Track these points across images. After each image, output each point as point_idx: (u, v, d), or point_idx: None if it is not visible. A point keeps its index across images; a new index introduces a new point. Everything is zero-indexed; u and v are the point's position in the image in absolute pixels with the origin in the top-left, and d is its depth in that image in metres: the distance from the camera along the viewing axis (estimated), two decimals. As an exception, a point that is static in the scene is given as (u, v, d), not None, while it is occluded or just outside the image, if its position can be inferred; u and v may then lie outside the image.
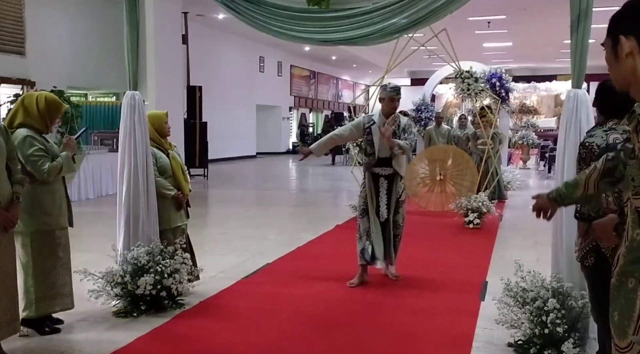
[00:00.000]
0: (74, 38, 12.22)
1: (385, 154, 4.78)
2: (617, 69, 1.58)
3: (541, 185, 13.19)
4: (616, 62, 1.57)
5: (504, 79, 11.37)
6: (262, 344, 3.54)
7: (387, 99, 4.84)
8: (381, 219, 4.86)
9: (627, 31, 1.53)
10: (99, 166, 10.11)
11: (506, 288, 3.37)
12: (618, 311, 1.58)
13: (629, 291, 1.53)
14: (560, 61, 22.84)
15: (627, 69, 1.54)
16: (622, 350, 1.57)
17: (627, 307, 1.53)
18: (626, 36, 1.53)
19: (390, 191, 4.85)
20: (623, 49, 1.53)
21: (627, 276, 1.55)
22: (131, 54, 4.19)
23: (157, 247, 4.07)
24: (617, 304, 1.59)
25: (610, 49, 1.59)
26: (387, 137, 4.63)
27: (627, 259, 1.56)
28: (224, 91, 18.90)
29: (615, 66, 1.59)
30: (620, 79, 1.60)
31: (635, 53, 1.51)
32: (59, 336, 3.62)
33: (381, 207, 4.85)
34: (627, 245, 1.57)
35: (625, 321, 1.54)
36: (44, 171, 3.46)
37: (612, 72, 1.63)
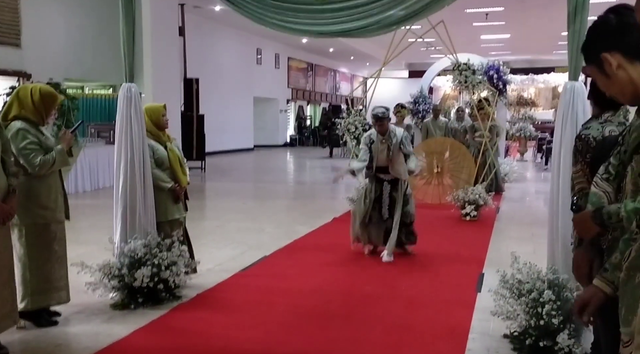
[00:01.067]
0: (70, 30, 12.16)
1: (383, 163, 5.38)
2: (614, 86, 1.59)
3: (538, 177, 13.22)
4: (609, 80, 1.58)
5: (501, 71, 11.37)
6: (259, 336, 3.55)
7: (372, 122, 5.46)
8: (384, 217, 5.42)
9: (607, 48, 1.55)
10: (95, 159, 10.09)
11: (502, 280, 3.38)
12: (625, 306, 1.58)
13: (635, 286, 1.53)
14: (558, 53, 22.84)
15: (622, 81, 1.55)
16: (625, 344, 1.57)
17: (633, 301, 1.54)
18: (610, 53, 1.54)
19: (394, 191, 5.39)
20: (612, 65, 1.54)
21: (635, 270, 1.55)
22: (127, 46, 4.16)
23: (154, 239, 4.07)
24: (624, 298, 1.59)
25: (599, 73, 1.60)
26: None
27: (638, 254, 1.55)
28: (221, 83, 18.84)
29: (610, 84, 1.60)
30: (620, 92, 1.60)
31: (623, 64, 1.53)
32: (56, 329, 3.63)
33: (383, 208, 5.41)
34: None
35: (631, 315, 1.54)
36: (35, 165, 3.44)
37: (610, 90, 1.64)
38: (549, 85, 26.39)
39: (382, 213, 5.43)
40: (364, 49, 23.16)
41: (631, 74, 1.53)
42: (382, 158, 5.35)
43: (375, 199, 5.44)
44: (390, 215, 5.41)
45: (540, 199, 9.66)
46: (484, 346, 3.42)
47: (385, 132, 5.34)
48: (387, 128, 5.36)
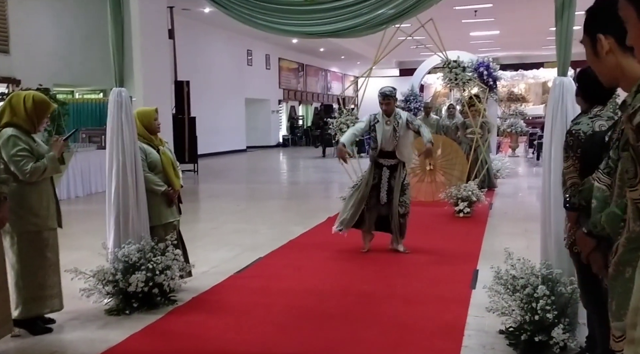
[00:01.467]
0: (58, 35, 12.09)
1: (388, 147, 5.39)
2: (601, 66, 1.60)
3: (530, 172, 13.29)
4: (597, 59, 1.59)
5: (491, 68, 11.41)
6: (256, 338, 3.55)
7: (379, 103, 5.45)
8: (381, 202, 5.48)
9: (604, 30, 1.55)
10: (87, 164, 10.04)
11: (496, 276, 3.39)
12: (615, 300, 1.59)
13: (626, 280, 1.54)
14: (547, 48, 22.95)
15: (610, 65, 1.56)
16: (617, 339, 1.59)
17: (624, 296, 1.55)
18: (604, 35, 1.55)
19: (392, 179, 5.45)
20: (603, 48, 1.55)
21: (625, 265, 1.56)
22: (116, 50, 4.15)
23: (148, 244, 4.06)
24: (614, 293, 1.60)
25: (590, 47, 1.61)
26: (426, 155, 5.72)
27: (626, 249, 1.56)
28: (212, 85, 18.80)
29: (597, 63, 1.60)
30: (605, 74, 1.61)
31: (615, 50, 1.53)
32: (51, 336, 3.61)
33: (382, 192, 5.47)
34: (627, 236, 1.58)
35: (622, 309, 1.55)
36: (26, 172, 3.42)
37: (595, 68, 1.65)
38: (539, 81, 26.52)
39: (379, 198, 5.46)
40: (354, 49, 23.17)
41: (620, 61, 1.53)
42: (388, 140, 5.37)
43: (374, 186, 5.48)
44: (387, 200, 5.45)
45: (533, 195, 9.71)
46: (479, 342, 3.44)
47: (391, 113, 5.36)
48: (393, 109, 5.39)
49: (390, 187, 5.45)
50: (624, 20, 1.13)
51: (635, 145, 1.39)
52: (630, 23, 1.11)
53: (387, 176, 5.45)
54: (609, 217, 1.92)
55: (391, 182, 5.45)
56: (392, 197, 5.44)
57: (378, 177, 5.48)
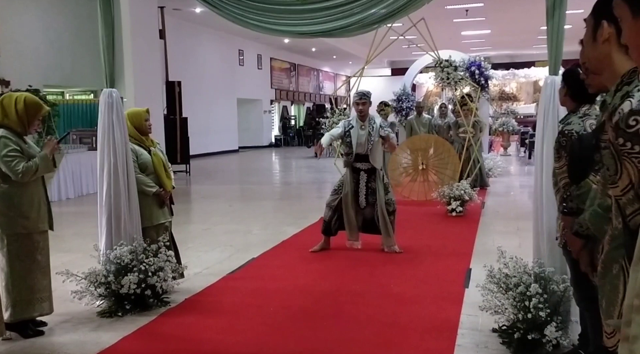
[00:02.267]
0: (48, 35, 12.00)
1: (362, 151, 5.47)
2: (593, 51, 1.60)
3: (522, 171, 13.35)
4: (593, 44, 1.59)
5: (483, 67, 11.47)
6: (249, 339, 3.54)
7: (354, 103, 5.55)
8: (361, 206, 5.54)
9: (610, 18, 1.55)
10: (78, 165, 9.97)
11: (489, 275, 3.40)
12: (605, 298, 1.61)
13: (613, 277, 1.56)
14: (537, 48, 23.06)
15: (602, 54, 1.56)
16: (609, 336, 1.60)
17: (613, 293, 1.56)
18: (609, 23, 1.55)
19: (371, 181, 5.49)
20: (602, 34, 1.55)
21: (611, 262, 1.58)
22: (107, 51, 4.12)
23: (140, 245, 4.04)
24: (604, 291, 1.62)
25: (591, 29, 1.60)
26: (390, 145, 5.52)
27: (612, 246, 1.58)
28: (204, 86, 18.74)
29: (591, 47, 1.60)
30: (594, 60, 1.61)
31: (612, 41, 1.53)
32: (42, 339, 3.58)
33: (360, 197, 5.52)
34: (611, 233, 1.59)
35: (611, 307, 1.57)
36: (18, 172, 3.39)
37: (587, 51, 1.65)
38: (530, 80, 26.64)
39: (359, 202, 5.52)
40: (346, 48, 23.18)
41: (613, 53, 1.53)
42: (362, 145, 5.44)
43: (353, 191, 5.52)
44: (367, 203, 5.51)
45: (525, 193, 9.75)
46: (473, 341, 3.44)
47: (366, 116, 5.47)
48: (367, 113, 5.50)
49: (371, 190, 5.49)
50: (619, 19, 1.14)
51: (615, 142, 1.41)
52: (625, 22, 1.11)
53: (364, 180, 5.49)
54: (591, 215, 1.96)
55: (370, 184, 5.49)
56: (375, 199, 5.47)
57: (355, 182, 5.51)
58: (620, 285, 1.53)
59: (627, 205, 1.46)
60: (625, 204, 1.47)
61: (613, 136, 1.42)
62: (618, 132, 1.39)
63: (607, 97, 1.53)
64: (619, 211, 1.51)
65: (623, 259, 1.53)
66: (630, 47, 1.11)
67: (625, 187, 1.45)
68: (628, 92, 1.43)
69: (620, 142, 1.40)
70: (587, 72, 1.70)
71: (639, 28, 1.06)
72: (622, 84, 1.48)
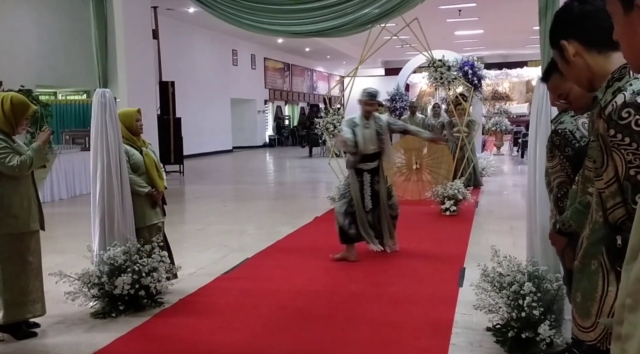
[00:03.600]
0: (40, 35, 11.93)
1: (369, 150, 5.24)
2: (572, 71, 1.65)
3: (515, 170, 13.40)
4: (569, 66, 1.64)
5: (476, 67, 11.50)
6: (244, 339, 3.54)
7: (362, 103, 5.27)
8: (366, 209, 5.31)
9: (566, 36, 1.60)
10: (71, 166, 9.92)
11: (483, 274, 3.41)
12: (581, 292, 1.64)
13: (592, 272, 1.59)
14: (530, 47, 23.17)
15: (579, 68, 1.61)
16: (586, 330, 1.63)
17: (590, 288, 1.59)
18: (567, 40, 1.59)
19: (375, 183, 5.31)
20: (569, 52, 1.59)
21: (590, 257, 1.61)
22: (100, 51, 4.10)
23: (133, 246, 4.02)
24: (580, 285, 1.66)
25: (560, 58, 1.66)
26: None
27: (590, 241, 1.62)
28: (198, 86, 18.69)
29: (569, 69, 1.66)
30: (578, 79, 1.67)
31: (581, 52, 1.58)
32: (35, 340, 3.56)
33: (366, 199, 5.30)
34: (591, 227, 1.62)
35: (589, 302, 1.60)
36: (14, 166, 3.37)
37: (570, 76, 1.71)
38: (523, 79, 26.75)
39: (364, 205, 5.30)
40: (340, 48, 23.19)
41: (588, 61, 1.58)
42: (370, 144, 5.23)
43: (359, 193, 5.32)
44: (373, 205, 5.31)
45: (518, 192, 9.79)
46: (467, 340, 3.45)
47: (370, 116, 5.27)
48: (371, 111, 5.32)
49: (374, 191, 5.31)
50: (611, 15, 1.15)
51: (605, 134, 1.44)
52: (616, 18, 1.12)
53: (368, 181, 5.30)
54: (573, 213, 2.01)
55: (374, 186, 5.31)
56: (379, 201, 5.31)
57: (360, 184, 5.30)
58: (599, 281, 1.57)
59: (609, 198, 1.50)
60: (607, 197, 1.50)
61: (604, 127, 1.45)
62: (610, 124, 1.42)
63: (598, 93, 1.56)
64: (600, 205, 1.54)
65: (602, 256, 1.56)
66: (621, 42, 1.13)
67: (610, 180, 1.48)
68: (620, 87, 1.46)
69: (611, 133, 1.43)
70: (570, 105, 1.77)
71: (630, 23, 1.07)
72: (614, 80, 1.51)
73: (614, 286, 1.53)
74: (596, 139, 1.54)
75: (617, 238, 1.45)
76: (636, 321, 0.90)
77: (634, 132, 1.39)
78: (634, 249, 0.94)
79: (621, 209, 1.47)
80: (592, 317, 1.61)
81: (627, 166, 1.42)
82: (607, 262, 1.54)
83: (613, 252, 1.49)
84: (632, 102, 1.40)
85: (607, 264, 1.55)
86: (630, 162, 1.41)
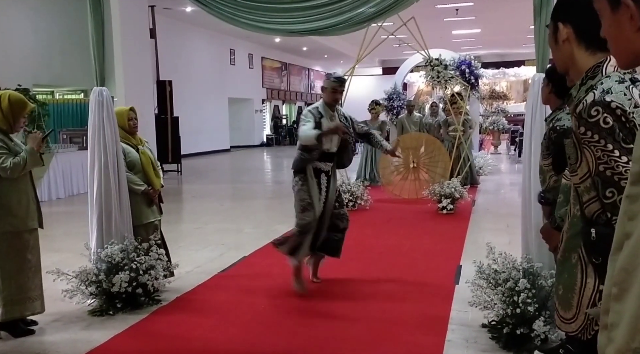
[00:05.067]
0: (37, 34, 11.92)
1: (329, 147, 4.32)
2: (557, 53, 1.68)
3: (512, 169, 13.43)
4: (556, 46, 1.66)
5: (473, 66, 11.53)
6: (241, 336, 3.55)
7: (329, 89, 4.28)
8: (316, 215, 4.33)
9: (564, 19, 1.62)
10: (68, 165, 9.92)
11: (479, 271, 3.44)
12: (562, 285, 1.67)
13: (572, 265, 1.62)
14: (527, 47, 23.19)
15: (564, 54, 1.64)
16: (568, 321, 1.66)
17: (570, 281, 1.63)
18: (564, 23, 1.61)
19: (328, 186, 4.38)
20: (561, 35, 1.61)
21: (570, 251, 1.64)
22: (97, 50, 4.11)
23: (131, 244, 4.04)
24: (561, 278, 1.69)
25: (552, 33, 1.68)
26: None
27: (569, 235, 1.65)
28: (195, 85, 18.69)
29: (555, 50, 1.68)
30: (560, 62, 1.69)
31: (571, 40, 1.61)
32: (33, 338, 3.57)
33: (317, 204, 4.33)
34: (569, 221, 1.66)
35: (570, 293, 1.63)
36: (7, 168, 3.38)
37: (553, 54, 1.75)
38: (520, 79, 26.79)
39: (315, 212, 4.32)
40: (337, 47, 23.20)
41: (574, 51, 1.61)
42: (331, 140, 4.29)
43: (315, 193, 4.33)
44: (325, 209, 4.36)
45: (515, 191, 9.82)
46: (463, 336, 3.47)
47: (335, 105, 4.37)
48: (339, 100, 4.49)
49: (326, 196, 4.35)
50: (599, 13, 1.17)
51: (577, 132, 1.48)
52: (604, 15, 1.14)
53: (325, 184, 4.34)
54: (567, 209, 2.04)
55: (327, 190, 4.36)
56: (326, 208, 4.34)
57: (318, 187, 4.33)
58: (578, 274, 1.60)
59: (584, 193, 1.53)
60: (582, 192, 1.54)
61: (575, 125, 1.49)
62: (580, 122, 1.47)
63: (572, 90, 1.59)
64: (577, 199, 1.57)
65: (580, 249, 1.59)
66: (608, 40, 1.14)
67: (584, 176, 1.52)
68: (592, 85, 1.50)
69: (581, 130, 1.47)
70: None
71: (617, 22, 1.09)
72: (587, 78, 1.55)
73: (592, 278, 1.56)
74: (569, 136, 1.57)
75: (592, 231, 1.49)
76: (622, 309, 0.92)
77: (602, 130, 1.43)
78: (619, 239, 0.96)
79: (596, 203, 1.50)
80: (573, 308, 1.65)
81: (596, 162, 1.46)
82: (585, 255, 1.57)
83: (589, 245, 1.52)
84: (600, 101, 1.44)
85: (584, 257, 1.58)
86: (600, 158, 1.45)
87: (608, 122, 1.43)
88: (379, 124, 10.31)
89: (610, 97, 1.45)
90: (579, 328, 1.64)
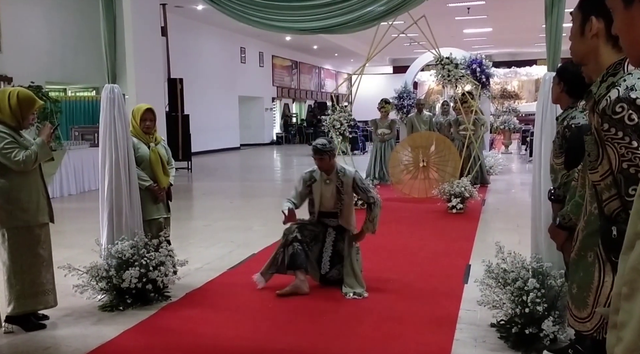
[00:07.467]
0: (50, 32, 12.03)
1: (328, 208, 4.39)
2: (580, 44, 1.65)
3: (523, 169, 13.35)
4: (581, 37, 1.64)
5: (484, 65, 11.48)
6: (249, 333, 3.57)
7: (314, 159, 4.40)
8: (322, 271, 4.38)
9: (599, 13, 1.59)
10: (80, 162, 10.01)
11: (488, 270, 3.43)
12: (577, 284, 1.66)
13: (589, 264, 1.61)
14: (539, 46, 23.01)
15: (589, 47, 1.61)
16: (582, 320, 1.65)
17: (586, 279, 1.61)
18: (597, 17, 1.58)
19: (337, 242, 4.39)
20: (592, 29, 1.59)
21: (586, 249, 1.63)
22: (109, 47, 4.14)
23: (141, 240, 4.07)
24: (576, 277, 1.68)
25: (579, 23, 1.65)
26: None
27: (585, 233, 1.64)
28: (206, 83, 18.77)
29: (578, 40, 1.65)
30: (580, 54, 1.67)
31: (600, 35, 1.58)
32: (44, 332, 3.61)
33: (324, 258, 4.38)
34: (586, 219, 1.64)
35: (585, 292, 1.62)
36: (20, 161, 3.41)
37: (574, 44, 1.71)
38: (532, 78, 26.61)
39: (321, 266, 4.38)
40: (347, 46, 23.18)
41: (600, 46, 1.58)
42: (329, 202, 4.37)
43: (315, 243, 4.42)
44: (330, 268, 4.36)
45: (525, 191, 9.75)
46: (471, 335, 3.47)
47: (330, 170, 4.35)
48: (333, 166, 4.37)
49: (336, 252, 4.36)
50: (611, 10, 1.17)
51: (600, 128, 1.47)
52: (616, 12, 1.14)
53: (332, 238, 4.39)
54: (573, 206, 2.03)
55: (338, 246, 4.37)
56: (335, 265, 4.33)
57: (323, 236, 4.40)
58: (595, 272, 1.59)
59: (605, 190, 1.52)
60: (602, 190, 1.52)
61: (598, 122, 1.48)
62: (604, 118, 1.45)
63: (592, 87, 1.58)
64: (595, 197, 1.56)
65: (598, 247, 1.58)
66: (620, 37, 1.14)
67: (605, 173, 1.50)
68: (614, 82, 1.48)
69: (605, 127, 1.45)
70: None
71: (630, 18, 1.08)
72: (608, 75, 1.53)
73: (610, 277, 1.55)
74: (591, 133, 1.56)
75: (613, 229, 1.48)
76: (632, 309, 0.91)
77: (627, 127, 1.42)
78: (630, 238, 0.96)
79: (616, 201, 1.49)
80: (588, 307, 1.63)
81: (620, 159, 1.45)
82: (603, 253, 1.56)
83: (608, 243, 1.51)
84: (625, 97, 1.43)
85: (603, 255, 1.57)
86: (623, 155, 1.44)
87: (633, 119, 1.42)
88: (389, 122, 10.30)
89: (635, 93, 1.44)
90: (595, 327, 1.63)
